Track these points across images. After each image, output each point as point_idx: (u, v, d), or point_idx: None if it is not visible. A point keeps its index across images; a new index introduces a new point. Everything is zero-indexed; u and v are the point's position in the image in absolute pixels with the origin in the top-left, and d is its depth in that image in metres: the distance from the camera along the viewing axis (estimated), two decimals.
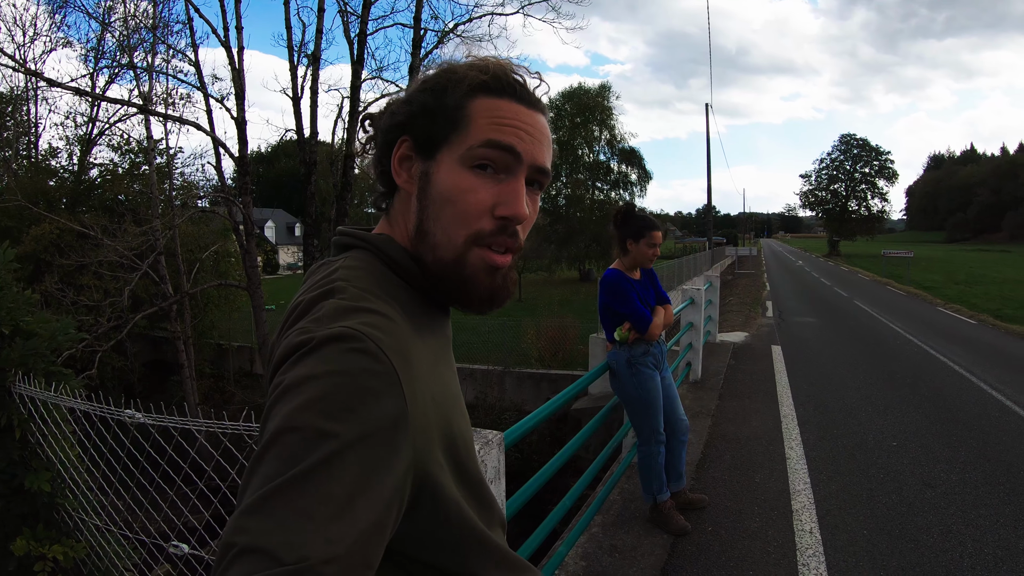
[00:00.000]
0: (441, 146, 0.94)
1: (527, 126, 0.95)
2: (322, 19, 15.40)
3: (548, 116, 1.02)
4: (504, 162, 0.93)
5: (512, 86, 0.96)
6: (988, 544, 4.25)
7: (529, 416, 2.80)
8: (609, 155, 51.64)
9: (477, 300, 0.97)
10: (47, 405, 3.26)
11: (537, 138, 0.96)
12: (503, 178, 0.93)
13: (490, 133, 0.92)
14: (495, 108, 0.94)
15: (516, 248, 0.97)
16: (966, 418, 7.43)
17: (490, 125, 0.92)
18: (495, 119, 0.93)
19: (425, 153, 0.96)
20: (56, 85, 15.58)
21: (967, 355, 11.79)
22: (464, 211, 0.92)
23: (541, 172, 0.97)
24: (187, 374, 16.85)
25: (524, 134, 0.94)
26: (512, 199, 0.93)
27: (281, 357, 0.78)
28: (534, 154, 0.95)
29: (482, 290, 0.96)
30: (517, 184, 0.94)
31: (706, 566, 3.89)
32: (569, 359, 17.73)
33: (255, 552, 0.60)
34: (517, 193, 0.93)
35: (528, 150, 0.94)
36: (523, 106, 0.96)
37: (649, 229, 4.11)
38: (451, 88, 0.95)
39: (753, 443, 6.24)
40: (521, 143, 0.93)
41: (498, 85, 0.95)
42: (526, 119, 0.95)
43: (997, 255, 68.18)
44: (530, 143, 0.94)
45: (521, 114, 0.95)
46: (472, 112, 0.93)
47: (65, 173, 21.95)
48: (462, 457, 0.92)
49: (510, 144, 0.92)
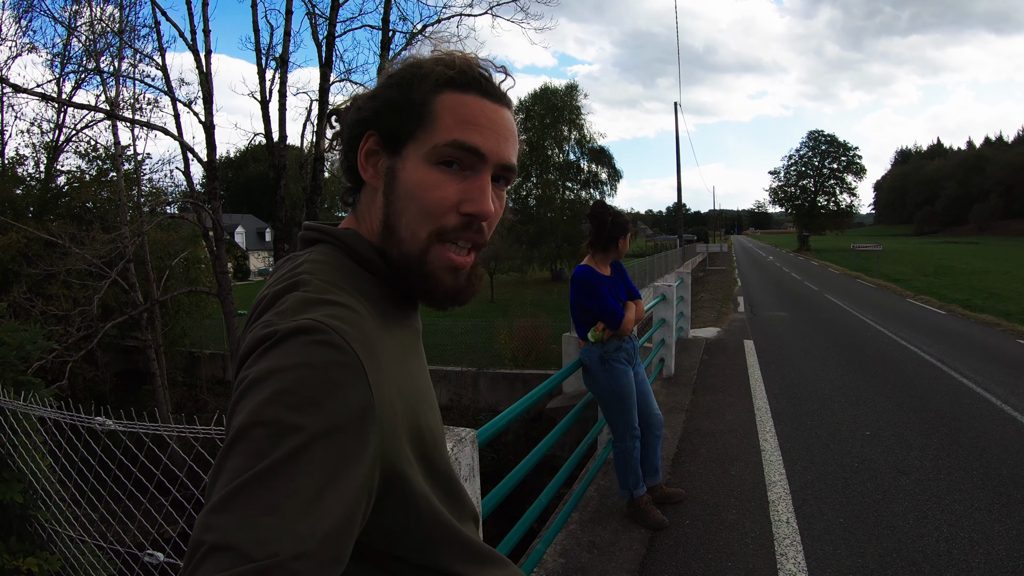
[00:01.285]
0: (407, 142, 0.94)
1: (492, 123, 0.95)
2: (290, 21, 15.30)
3: (513, 109, 1.02)
4: (469, 161, 0.93)
5: (478, 81, 0.95)
6: (963, 528, 4.31)
7: (502, 414, 2.79)
8: (579, 155, 51.72)
9: (440, 296, 0.97)
10: (17, 415, 3.21)
11: (503, 135, 0.96)
12: (468, 175, 0.93)
13: (455, 132, 0.92)
14: (461, 105, 0.93)
15: (481, 244, 0.98)
16: (938, 406, 7.53)
17: (456, 123, 0.92)
18: (460, 117, 0.93)
19: (391, 148, 0.95)
20: (22, 91, 15.35)
21: (937, 345, 11.95)
22: (428, 207, 0.92)
23: (507, 169, 0.97)
24: (159, 383, 16.62)
25: (489, 132, 0.94)
26: (477, 196, 0.93)
27: (246, 351, 0.78)
28: (499, 152, 0.95)
29: (445, 287, 0.97)
30: (482, 181, 0.94)
31: (684, 559, 3.91)
32: (543, 358, 17.74)
33: (224, 550, 0.60)
34: (482, 190, 0.94)
35: (493, 149, 0.94)
36: (488, 101, 0.96)
37: (627, 231, 4.23)
38: (416, 83, 0.94)
39: (728, 436, 6.29)
40: (486, 142, 0.93)
41: (464, 80, 0.94)
42: (492, 115, 0.95)
43: (965, 247, 69.12)
44: (495, 141, 0.94)
45: (487, 110, 0.95)
46: (438, 108, 0.93)
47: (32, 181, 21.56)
48: (430, 451, 0.92)
49: (474, 145, 0.92)
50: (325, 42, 15.58)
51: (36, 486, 3.29)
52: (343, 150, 1.03)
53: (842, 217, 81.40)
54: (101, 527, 3.21)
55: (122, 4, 16.05)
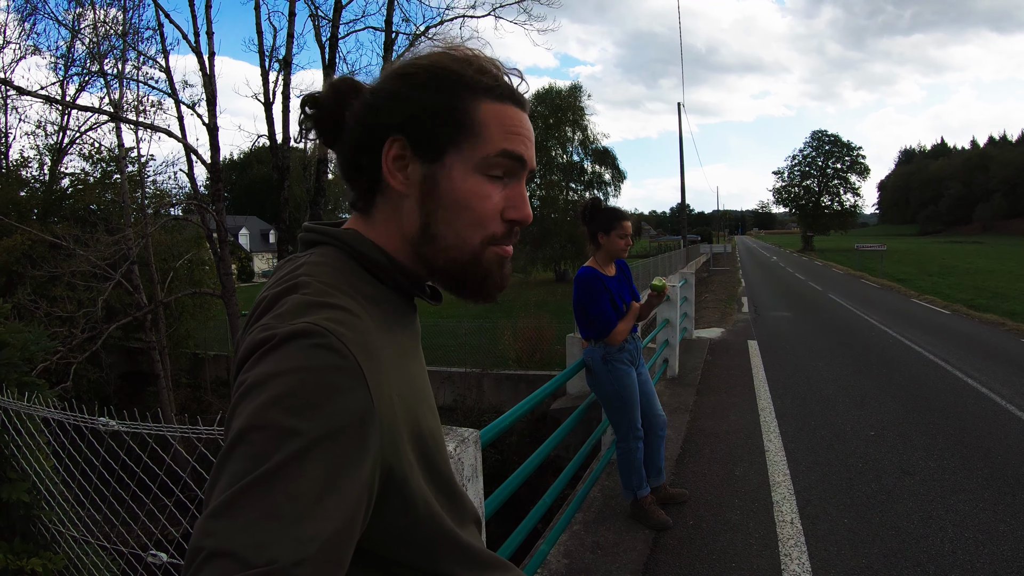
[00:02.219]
0: (448, 150, 0.93)
1: (527, 132, 0.98)
2: (293, 23, 15.28)
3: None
4: (512, 169, 0.97)
5: (511, 90, 0.98)
6: (968, 528, 4.30)
7: (505, 415, 2.79)
8: (583, 155, 51.64)
9: (492, 291, 1.02)
10: (21, 415, 3.21)
11: (532, 141, 1.00)
12: (508, 182, 0.97)
13: (504, 143, 0.94)
14: (503, 115, 0.96)
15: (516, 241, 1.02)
16: (942, 406, 7.52)
17: (502, 134, 0.95)
18: (506, 128, 0.95)
19: (428, 156, 0.94)
20: (26, 93, 15.39)
21: (942, 344, 11.93)
22: (480, 216, 0.95)
23: (532, 172, 1.02)
24: (163, 384, 16.63)
25: (527, 140, 0.98)
26: (520, 203, 0.98)
27: (245, 354, 0.78)
28: (531, 159, 0.99)
29: (496, 281, 1.01)
30: (521, 188, 0.99)
31: (688, 560, 3.90)
32: (547, 359, 17.68)
33: (223, 555, 0.60)
34: (523, 197, 0.98)
35: (530, 157, 0.98)
36: (520, 110, 0.98)
37: (618, 219, 4.12)
38: (457, 91, 0.93)
39: (732, 437, 6.28)
40: (526, 151, 0.97)
41: (502, 91, 0.96)
42: (526, 125, 0.99)
43: (969, 246, 69.04)
44: (529, 148, 0.98)
45: (524, 121, 0.98)
46: (483, 119, 0.94)
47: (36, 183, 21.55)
48: (431, 453, 0.91)
49: (520, 154, 0.96)
50: (328, 44, 15.60)
51: (40, 487, 3.29)
52: (350, 149, 0.99)
53: (846, 217, 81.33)
54: (105, 528, 3.21)
55: (125, 7, 16.11)
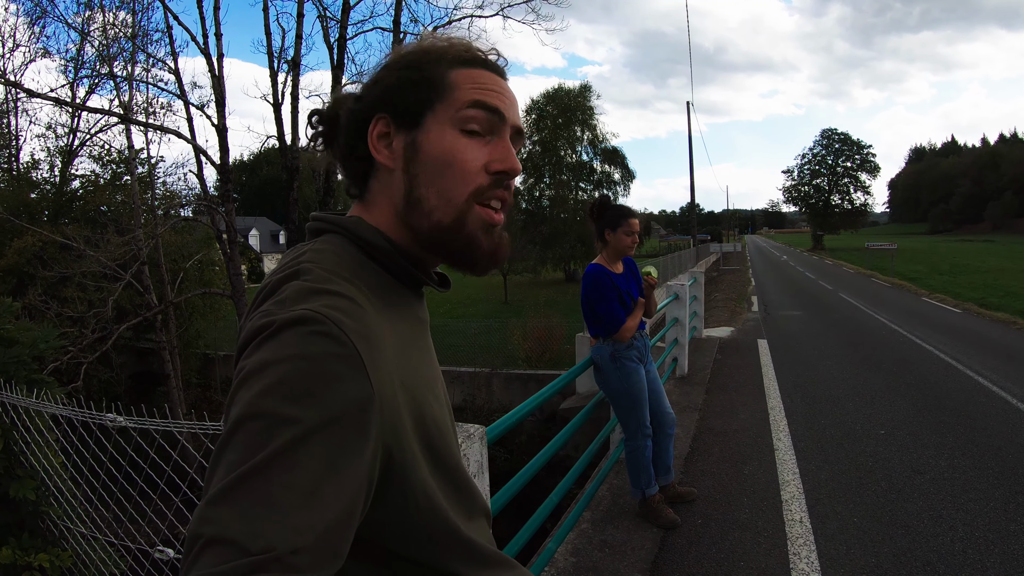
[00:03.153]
0: (425, 113, 0.97)
1: (504, 90, 1.01)
2: (301, 24, 15.32)
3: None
4: (491, 123, 0.97)
5: (483, 58, 1.03)
6: (979, 527, 4.27)
7: (512, 412, 2.78)
8: (592, 155, 51.55)
9: (480, 259, 0.99)
10: (29, 412, 3.23)
11: (511, 101, 1.02)
12: (490, 139, 0.98)
13: (475, 95, 0.96)
14: (475, 75, 0.99)
15: (509, 203, 1.01)
16: (953, 405, 7.48)
17: (474, 89, 0.97)
18: (478, 84, 0.98)
19: (408, 124, 0.97)
20: (36, 96, 15.47)
21: (952, 343, 11.87)
22: (462, 170, 0.95)
23: (519, 133, 1.03)
24: (173, 384, 16.66)
25: (503, 97, 1.00)
26: (505, 155, 0.98)
27: (245, 340, 0.78)
28: (513, 116, 1.01)
29: (484, 248, 0.98)
30: (505, 143, 0.99)
31: (697, 558, 3.89)
32: (556, 359, 17.66)
33: (221, 543, 0.60)
34: (508, 150, 0.99)
35: (508, 112, 0.99)
36: (495, 74, 1.02)
37: (625, 217, 4.12)
38: (431, 62, 0.99)
39: (741, 435, 6.26)
40: (503, 105, 0.99)
41: (472, 57, 1.01)
42: (501, 85, 1.01)
43: (980, 245, 68.56)
44: (508, 106, 1.00)
45: (497, 80, 1.01)
46: (455, 80, 0.97)
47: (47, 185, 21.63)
48: (436, 443, 0.91)
49: (496, 106, 0.97)
50: (337, 45, 15.63)
51: (48, 483, 3.31)
52: (344, 143, 1.03)
53: (856, 216, 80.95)
54: (112, 524, 3.22)
55: (135, 9, 16.13)
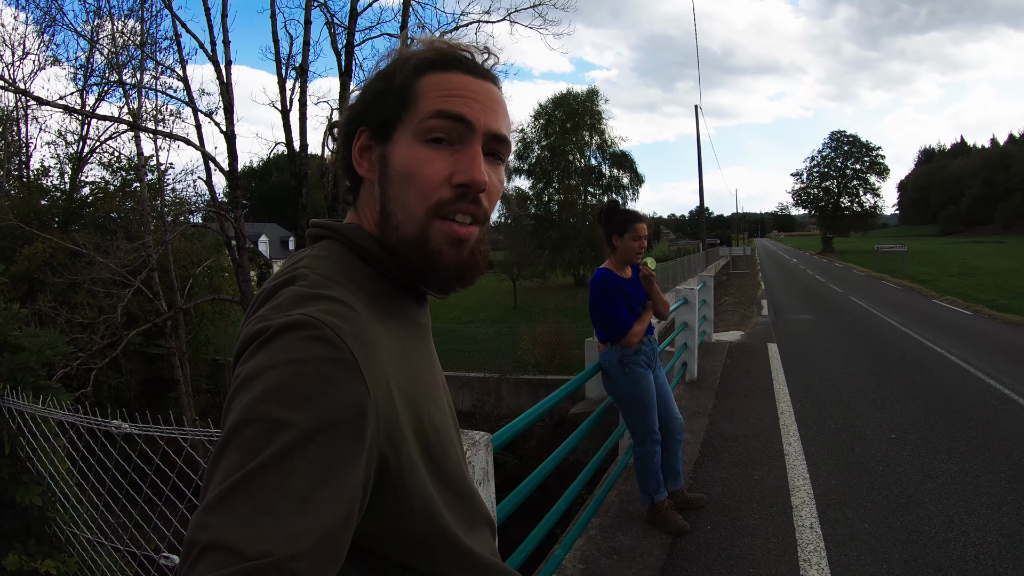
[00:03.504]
0: (395, 126, 0.94)
1: (477, 94, 0.94)
2: (309, 31, 15.32)
3: (500, 86, 1.01)
4: (457, 132, 0.92)
5: (459, 60, 0.96)
6: (991, 533, 4.23)
7: (518, 418, 2.77)
8: (600, 159, 51.74)
9: (444, 276, 0.95)
10: (36, 418, 3.25)
11: (489, 105, 0.95)
12: (458, 148, 0.93)
13: (438, 104, 0.92)
14: (444, 81, 0.94)
15: (482, 217, 0.96)
16: (964, 408, 7.43)
17: (439, 97, 0.92)
18: (443, 91, 0.93)
19: (381, 137, 0.96)
20: (46, 104, 15.51)
21: (963, 345, 11.80)
22: (421, 183, 0.91)
23: (497, 140, 0.96)
24: (183, 390, 16.72)
25: (474, 102, 0.93)
26: (468, 166, 0.91)
27: (241, 345, 0.78)
28: (487, 121, 0.94)
29: (449, 264, 0.94)
30: (472, 152, 0.93)
31: (706, 565, 3.87)
32: (566, 364, 17.66)
33: (218, 549, 0.59)
34: (472, 160, 0.92)
35: (479, 118, 0.93)
36: (472, 76, 0.96)
37: (632, 222, 4.09)
38: (399, 70, 0.96)
39: (751, 440, 6.23)
40: (471, 111, 0.92)
41: (444, 60, 0.95)
42: (475, 88, 0.95)
43: (991, 246, 68.23)
44: (481, 111, 0.93)
45: (470, 84, 0.95)
46: (420, 88, 0.94)
47: (57, 192, 21.79)
48: (435, 449, 0.90)
49: (460, 112, 0.92)
50: (344, 51, 15.64)
51: (55, 489, 3.33)
52: (340, 152, 1.04)
53: (866, 218, 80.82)
54: (118, 530, 3.23)
55: (143, 17, 16.21)
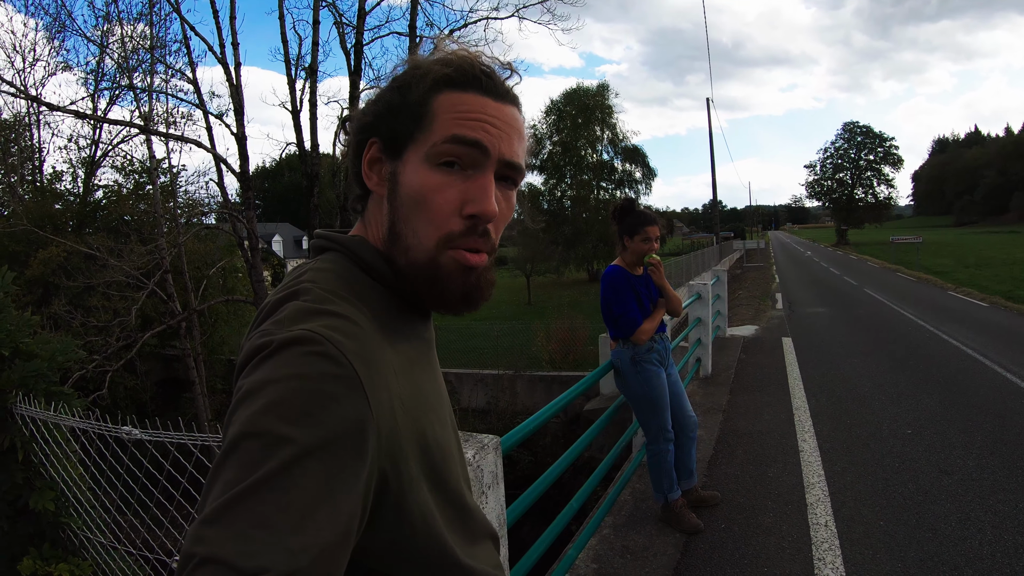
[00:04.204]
0: (407, 145, 0.92)
1: (493, 119, 0.91)
2: (318, 32, 15.37)
3: (520, 108, 0.98)
4: (471, 158, 0.89)
5: (478, 79, 0.92)
6: (1008, 531, 4.19)
7: (528, 420, 2.76)
8: (612, 154, 51.61)
9: (452, 301, 0.94)
10: (48, 425, 3.27)
11: (505, 131, 0.92)
12: (471, 174, 0.90)
13: (454, 128, 0.88)
14: (460, 102, 0.90)
15: (490, 249, 0.94)
16: (981, 402, 7.36)
17: (454, 120, 0.89)
18: (459, 114, 0.89)
19: (392, 153, 0.93)
20: (57, 109, 15.63)
21: (980, 338, 11.71)
22: (432, 212, 0.89)
23: (511, 167, 0.93)
24: (198, 391, 16.81)
25: (491, 128, 0.90)
26: (480, 196, 0.89)
27: (243, 360, 0.77)
28: (502, 148, 0.91)
29: (456, 290, 0.92)
30: (485, 180, 0.90)
31: (720, 564, 3.85)
32: (580, 360, 17.68)
33: (214, 563, 0.59)
34: (485, 189, 0.90)
35: (495, 144, 0.90)
36: (490, 99, 0.92)
37: (643, 225, 4.06)
38: (414, 84, 0.92)
39: (765, 437, 6.20)
40: (487, 136, 0.89)
41: (463, 78, 0.91)
42: (493, 112, 0.91)
43: (1006, 236, 67.75)
44: (497, 137, 0.90)
45: (488, 107, 0.91)
46: (436, 108, 0.90)
47: (70, 196, 22.02)
48: (438, 465, 0.89)
49: (475, 139, 0.88)
50: (353, 51, 15.66)
51: (68, 494, 3.36)
52: (350, 157, 1.01)
53: (880, 209, 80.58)
54: (131, 534, 3.25)
55: (152, 21, 16.30)
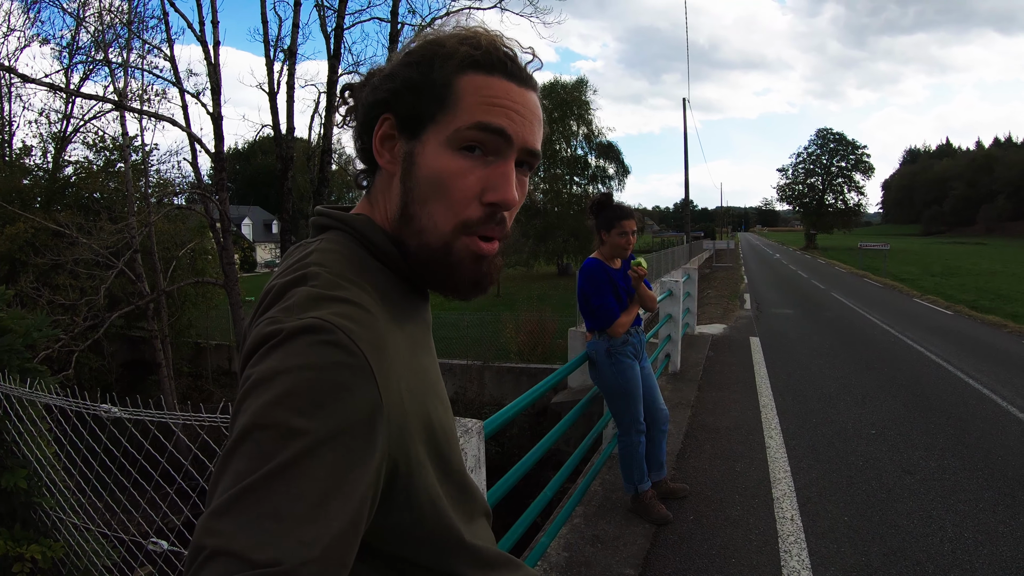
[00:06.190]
0: (427, 125, 0.89)
1: (518, 106, 0.90)
2: (298, 13, 15.25)
3: (539, 92, 0.96)
4: (494, 145, 0.88)
5: (503, 63, 0.90)
6: (968, 528, 4.29)
7: (510, 405, 2.78)
8: (587, 150, 51.47)
9: (462, 286, 0.93)
10: (22, 402, 3.21)
11: (528, 119, 0.91)
12: (492, 160, 0.89)
13: (480, 115, 0.87)
14: (485, 86, 0.88)
15: (503, 235, 0.93)
16: (943, 406, 7.50)
17: (480, 105, 0.87)
18: (485, 99, 0.88)
19: (409, 132, 0.91)
20: (30, 81, 15.35)
21: (944, 344, 11.91)
22: (452, 197, 0.88)
23: (531, 154, 0.93)
24: (165, 373, 16.66)
25: (515, 115, 0.89)
26: (502, 184, 0.89)
27: (251, 348, 0.75)
28: (525, 136, 0.90)
29: (467, 277, 0.92)
30: (507, 168, 0.89)
31: (688, 554, 3.90)
32: (548, 353, 17.68)
33: (226, 555, 0.58)
34: (507, 177, 0.89)
35: (519, 132, 0.89)
36: (514, 84, 0.91)
37: (619, 218, 4.08)
38: (439, 63, 0.89)
39: (733, 433, 6.28)
40: (512, 124, 0.88)
41: (489, 61, 0.89)
42: (517, 98, 0.90)
43: (973, 248, 68.83)
44: (521, 124, 0.89)
45: (512, 93, 0.90)
46: (461, 90, 0.88)
47: (39, 171, 21.57)
48: (443, 448, 0.90)
49: (500, 127, 0.87)
50: (334, 34, 15.56)
51: (41, 473, 3.30)
52: (357, 131, 0.98)
53: (850, 216, 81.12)
54: (105, 515, 3.21)
55: None
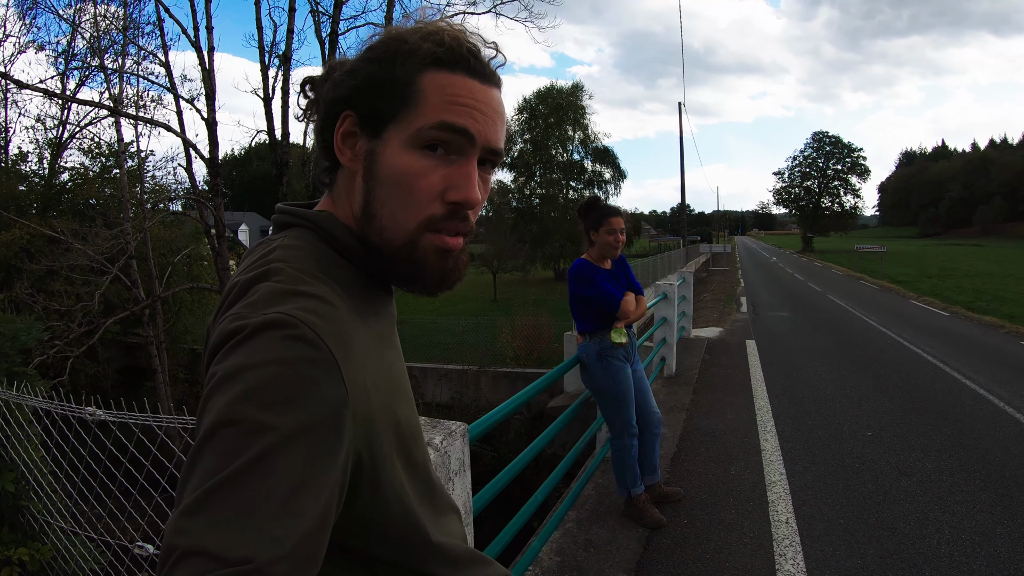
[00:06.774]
0: (389, 123, 0.89)
1: (481, 104, 0.89)
2: (293, 19, 15.22)
3: (502, 89, 0.96)
4: (457, 144, 0.88)
5: (466, 59, 0.89)
6: (965, 530, 4.28)
7: (495, 409, 2.76)
8: (583, 154, 51.73)
9: (428, 282, 0.93)
10: (10, 405, 3.21)
11: (491, 117, 0.91)
12: (454, 159, 0.89)
13: (443, 114, 0.87)
14: (448, 84, 0.88)
15: (467, 231, 0.93)
16: (940, 407, 7.50)
17: (443, 104, 0.87)
18: (448, 97, 0.87)
19: (371, 130, 0.90)
20: (25, 87, 15.33)
21: (940, 346, 11.91)
22: (414, 196, 0.88)
23: (494, 153, 0.93)
24: (160, 379, 16.62)
25: (478, 114, 0.89)
26: (464, 183, 0.89)
27: (216, 344, 0.75)
28: (487, 135, 0.90)
29: (433, 272, 0.92)
30: (469, 167, 0.89)
31: (682, 559, 3.88)
32: (544, 358, 17.67)
33: (197, 554, 0.58)
34: (469, 177, 0.89)
35: (481, 131, 0.89)
36: (477, 81, 0.90)
37: (607, 216, 4.09)
38: (401, 60, 0.89)
39: (728, 436, 6.26)
40: (475, 124, 0.88)
41: (452, 58, 0.88)
42: (480, 96, 0.90)
43: (969, 249, 69.01)
44: (483, 123, 0.89)
45: (475, 91, 0.89)
46: (423, 88, 0.88)
47: (35, 177, 21.58)
48: (407, 442, 0.90)
49: (463, 126, 0.87)
50: (328, 40, 15.53)
51: (28, 477, 3.29)
52: (318, 127, 0.97)
53: (846, 218, 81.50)
54: (92, 519, 3.20)
55: (126, 2, 16.12)
